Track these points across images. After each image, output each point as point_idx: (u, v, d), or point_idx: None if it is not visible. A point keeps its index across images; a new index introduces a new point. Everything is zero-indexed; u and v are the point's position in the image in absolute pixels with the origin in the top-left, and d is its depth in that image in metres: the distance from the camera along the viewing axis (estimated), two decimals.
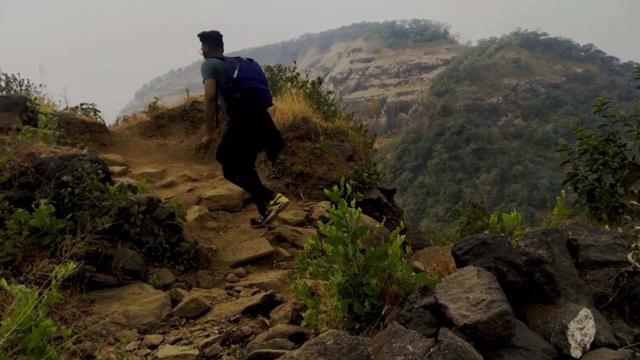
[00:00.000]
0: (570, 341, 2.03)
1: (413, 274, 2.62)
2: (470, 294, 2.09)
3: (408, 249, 3.03)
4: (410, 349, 1.93)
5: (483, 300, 2.02)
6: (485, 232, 2.85)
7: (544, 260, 2.47)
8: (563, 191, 3.24)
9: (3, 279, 1.99)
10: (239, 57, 5.46)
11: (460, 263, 2.55)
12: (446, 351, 1.80)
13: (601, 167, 4.05)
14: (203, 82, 5.28)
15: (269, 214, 5.75)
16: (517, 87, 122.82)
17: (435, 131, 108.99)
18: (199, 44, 5.66)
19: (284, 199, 5.67)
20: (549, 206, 3.32)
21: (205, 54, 5.60)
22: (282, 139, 6.06)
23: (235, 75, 5.14)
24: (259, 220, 5.92)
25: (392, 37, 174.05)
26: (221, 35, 5.68)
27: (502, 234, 2.91)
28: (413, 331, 2.07)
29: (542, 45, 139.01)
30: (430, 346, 1.93)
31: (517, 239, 2.88)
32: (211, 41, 5.61)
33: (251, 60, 5.46)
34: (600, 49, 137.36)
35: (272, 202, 5.69)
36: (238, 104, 5.21)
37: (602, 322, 2.23)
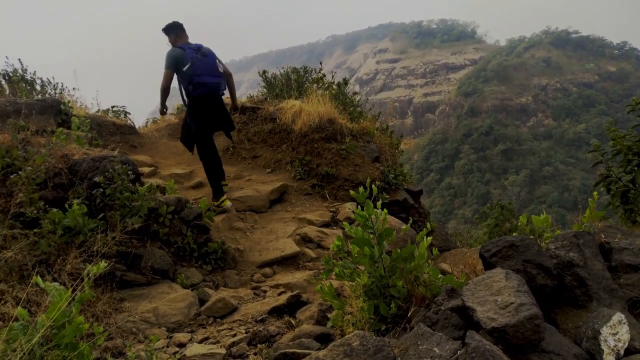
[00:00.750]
0: (603, 347, 1.98)
1: (440, 276, 2.60)
2: (498, 296, 2.06)
3: (435, 250, 3.00)
4: (437, 351, 1.92)
5: (512, 303, 1.99)
6: (514, 234, 2.80)
7: (575, 264, 2.42)
8: (595, 193, 3.17)
9: (38, 276, 2.05)
10: (200, 47, 6.06)
11: (488, 265, 2.52)
12: (474, 354, 1.78)
13: (635, 168, 3.94)
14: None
15: (213, 209, 6.18)
16: (547, 86, 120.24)
17: (463, 132, 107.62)
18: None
19: (228, 204, 6.35)
20: (581, 208, 3.25)
21: (173, 44, 6.16)
22: (233, 122, 6.92)
23: (186, 69, 5.83)
24: (212, 207, 6.26)
25: (419, 37, 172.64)
26: (182, 24, 6.28)
27: (531, 237, 2.86)
28: (440, 333, 2.05)
29: (574, 44, 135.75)
30: (457, 349, 1.91)
31: (546, 241, 2.82)
32: (175, 31, 6.18)
33: (206, 55, 6.02)
34: (635, 47, 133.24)
35: (217, 202, 6.28)
36: (190, 96, 6.00)
37: (638, 327, 2.16)
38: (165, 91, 6.09)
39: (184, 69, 5.84)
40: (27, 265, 3.44)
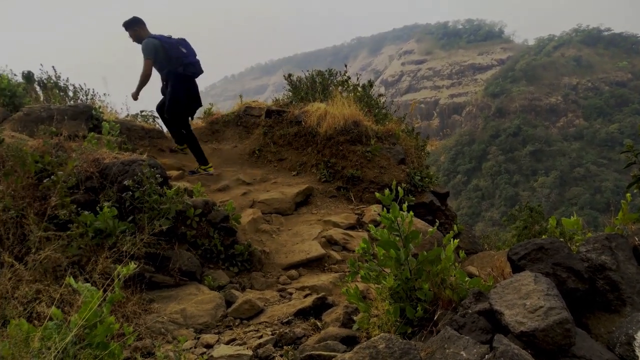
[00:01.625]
0: (638, 352, 1.93)
1: (467, 278, 2.57)
2: (527, 300, 2.03)
3: (462, 253, 2.97)
4: (464, 355, 1.90)
5: (541, 307, 1.95)
6: (543, 236, 2.75)
7: (608, 267, 2.36)
8: (628, 194, 3.08)
9: (71, 277, 2.11)
10: (170, 36, 6.75)
11: (517, 268, 2.48)
12: (502, 358, 1.76)
13: None
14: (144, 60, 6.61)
15: (198, 172, 7.48)
16: (577, 86, 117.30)
17: (490, 133, 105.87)
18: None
19: (212, 170, 7.61)
20: (613, 210, 3.16)
21: (139, 36, 6.74)
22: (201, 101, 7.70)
23: (174, 53, 6.51)
24: (199, 170, 7.56)
25: (445, 38, 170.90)
26: (142, 19, 6.89)
27: (561, 239, 2.80)
28: (467, 337, 2.02)
29: (606, 42, 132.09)
30: (485, 353, 1.89)
31: (577, 244, 2.76)
32: (139, 24, 6.75)
33: (181, 40, 6.78)
34: None
35: (204, 167, 7.53)
36: (181, 76, 6.68)
37: None
38: (147, 79, 6.69)
39: (171, 54, 6.51)
40: (60, 266, 3.54)
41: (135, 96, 7.06)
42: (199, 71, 6.97)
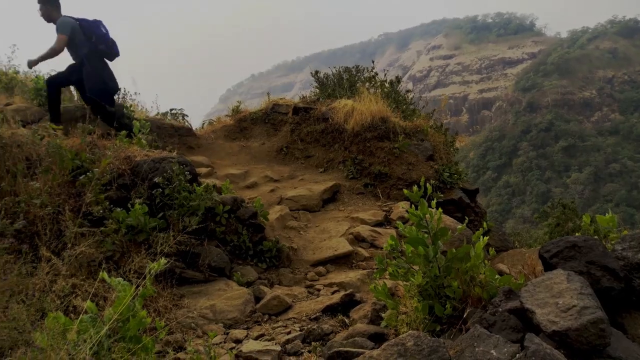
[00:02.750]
0: None
1: (497, 276, 2.54)
2: (559, 299, 1.98)
3: (492, 251, 2.93)
4: (495, 354, 1.87)
5: (574, 306, 1.91)
6: (577, 234, 2.69)
7: None
8: None
9: (105, 272, 2.17)
10: (86, 18, 6.76)
11: (548, 266, 2.43)
12: (533, 358, 1.73)
13: None
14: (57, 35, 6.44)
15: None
16: (613, 79, 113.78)
17: (521, 128, 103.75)
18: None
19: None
20: None
21: (50, 15, 6.60)
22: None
23: (102, 31, 6.66)
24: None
25: (474, 32, 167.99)
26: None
27: (596, 237, 2.73)
28: (497, 336, 2.00)
29: None
30: (516, 352, 1.86)
31: (612, 242, 2.69)
32: (55, 4, 6.62)
33: (100, 21, 6.82)
34: None
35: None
36: (103, 53, 6.71)
37: None
38: (56, 54, 6.53)
39: (101, 32, 6.65)
40: (95, 261, 3.64)
41: (32, 64, 6.63)
42: (118, 52, 6.98)
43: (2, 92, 8.76)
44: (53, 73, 7.29)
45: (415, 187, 2.83)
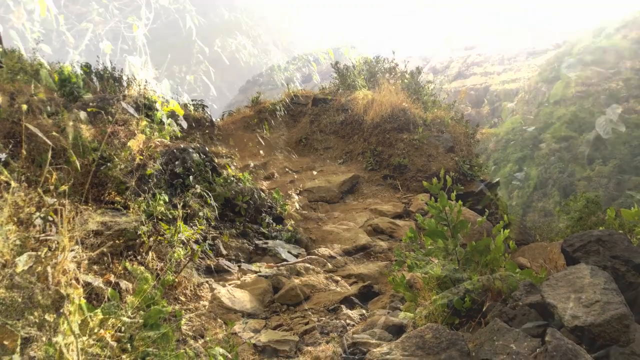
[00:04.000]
0: None
1: (517, 270, 2.51)
2: (582, 294, 1.95)
3: (512, 244, 2.89)
4: (514, 347, 1.85)
5: (597, 301, 1.88)
6: (600, 228, 2.64)
7: None
8: None
9: (127, 260, 2.21)
10: None
11: (571, 261, 2.39)
12: (554, 353, 1.70)
13: None
14: None
15: None
16: None
17: (544, 120, 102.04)
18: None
19: None
20: None
21: None
22: None
23: None
24: None
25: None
26: None
27: (620, 231, 2.68)
28: (517, 330, 1.98)
29: None
30: (536, 347, 1.84)
31: (638, 236, 2.63)
32: None
33: None
34: None
35: None
36: None
37: None
38: None
39: None
40: (117, 249, 3.70)
41: None
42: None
43: (27, 82, 8.93)
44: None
45: (435, 179, 2.80)
